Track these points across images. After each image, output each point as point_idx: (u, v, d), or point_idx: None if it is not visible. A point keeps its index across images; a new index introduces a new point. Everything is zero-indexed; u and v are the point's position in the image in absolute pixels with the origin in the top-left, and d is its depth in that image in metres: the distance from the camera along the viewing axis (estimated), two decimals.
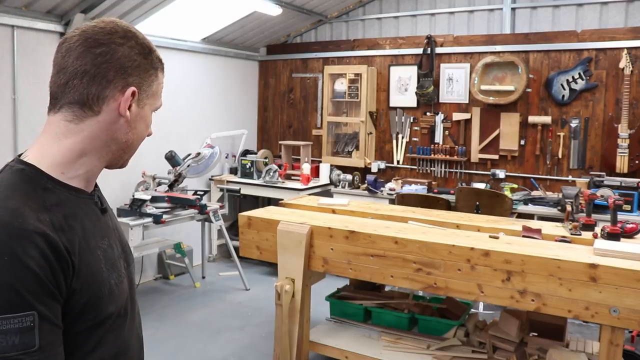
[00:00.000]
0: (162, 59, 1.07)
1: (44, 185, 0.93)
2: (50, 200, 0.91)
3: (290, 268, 3.08)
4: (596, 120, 4.79)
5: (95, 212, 1.02)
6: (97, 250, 0.97)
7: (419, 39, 5.52)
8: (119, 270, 1.02)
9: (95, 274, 0.94)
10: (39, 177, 0.93)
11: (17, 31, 4.05)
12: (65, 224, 0.91)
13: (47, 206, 0.90)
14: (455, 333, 3.26)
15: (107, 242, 1.01)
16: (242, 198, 6.03)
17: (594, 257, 2.46)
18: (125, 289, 1.04)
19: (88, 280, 0.92)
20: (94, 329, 0.94)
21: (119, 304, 1.00)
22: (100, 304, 0.94)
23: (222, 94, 6.10)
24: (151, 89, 1.02)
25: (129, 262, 1.12)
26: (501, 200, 4.42)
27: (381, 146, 5.85)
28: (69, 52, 0.95)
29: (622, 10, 4.71)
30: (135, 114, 1.00)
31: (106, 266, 0.97)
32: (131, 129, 1.01)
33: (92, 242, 0.96)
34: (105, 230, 1.03)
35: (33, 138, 3.82)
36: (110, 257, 1.00)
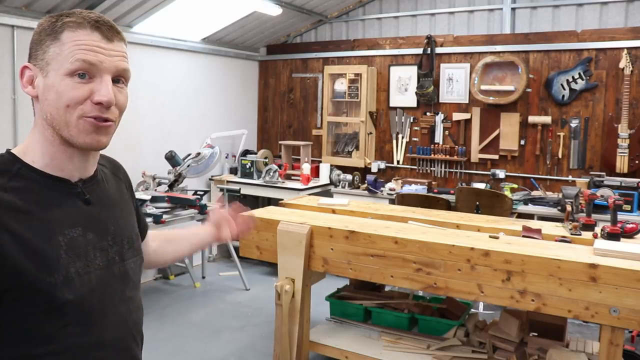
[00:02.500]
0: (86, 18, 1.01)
1: (16, 171, 0.99)
2: (14, 184, 0.97)
3: (290, 268, 3.08)
4: (596, 120, 4.79)
5: (74, 201, 1.03)
6: (59, 236, 0.98)
7: (419, 39, 5.52)
8: (90, 260, 1.02)
9: (45, 258, 0.94)
10: (12, 163, 1.00)
11: (17, 31, 4.05)
12: (21, 206, 0.94)
13: (5, 187, 0.95)
14: (455, 333, 3.26)
15: (79, 231, 1.01)
16: (242, 198, 6.03)
17: (594, 257, 2.46)
18: (98, 280, 1.03)
19: (33, 263, 0.93)
20: (51, 316, 0.95)
21: (81, 293, 0.98)
22: (52, 290, 0.94)
23: (222, 94, 6.10)
24: (47, 55, 0.99)
25: (125, 256, 1.12)
26: (501, 200, 4.42)
27: (381, 146, 5.85)
28: None
29: (622, 10, 4.71)
30: (42, 86, 1.00)
31: (67, 253, 0.98)
32: (44, 102, 1.00)
33: (56, 228, 0.98)
34: (81, 220, 1.03)
35: None
36: (78, 245, 1.00)
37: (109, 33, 1.01)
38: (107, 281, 1.05)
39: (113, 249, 1.08)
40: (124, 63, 1.03)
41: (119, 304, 1.08)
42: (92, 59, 0.98)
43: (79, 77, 0.98)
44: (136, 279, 1.16)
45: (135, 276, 1.16)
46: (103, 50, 1.00)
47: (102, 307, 1.03)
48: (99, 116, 1.00)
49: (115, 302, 1.07)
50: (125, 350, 1.10)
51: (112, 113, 1.02)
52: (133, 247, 1.16)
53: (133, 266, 1.15)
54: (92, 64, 0.98)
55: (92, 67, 0.98)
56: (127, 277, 1.11)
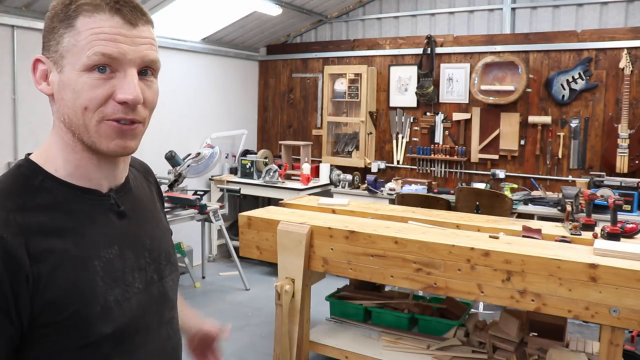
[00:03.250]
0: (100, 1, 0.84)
1: (39, 184, 0.84)
2: (40, 200, 0.82)
3: (290, 268, 3.08)
4: (596, 120, 4.79)
5: (107, 216, 0.89)
6: (95, 260, 0.84)
7: (419, 39, 5.51)
8: (128, 284, 0.88)
9: (81, 289, 0.81)
10: (34, 174, 0.85)
11: (17, 31, 4.05)
12: (50, 228, 0.80)
13: (30, 206, 0.80)
14: (455, 333, 3.26)
15: (115, 250, 0.88)
16: (242, 198, 6.03)
17: (594, 257, 2.46)
18: (138, 306, 0.89)
19: (68, 295, 0.79)
20: (87, 351, 0.82)
21: (120, 324, 0.85)
22: (88, 324, 0.81)
23: (222, 94, 6.10)
24: (62, 46, 0.83)
25: (163, 274, 0.97)
26: (501, 200, 4.42)
27: (381, 146, 5.85)
28: None
29: (622, 10, 4.71)
30: (58, 84, 0.84)
31: (104, 280, 0.84)
32: (60, 102, 0.85)
33: (90, 251, 0.84)
34: (116, 237, 0.89)
35: (33, 138, 3.85)
36: (115, 268, 0.86)
37: (132, 16, 0.83)
38: (147, 305, 0.92)
39: (151, 267, 0.95)
40: (152, 52, 0.86)
41: (158, 329, 0.95)
42: (112, 51, 0.81)
43: (98, 72, 0.81)
44: (174, 297, 1.02)
45: (174, 294, 1.02)
46: (126, 39, 0.82)
47: (141, 335, 0.90)
48: (123, 118, 0.84)
49: (154, 327, 0.93)
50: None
51: (139, 113, 0.85)
52: (170, 262, 1.01)
53: (172, 284, 1.01)
54: (114, 57, 0.81)
55: (113, 60, 0.81)
56: (166, 297, 0.98)
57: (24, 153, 0.91)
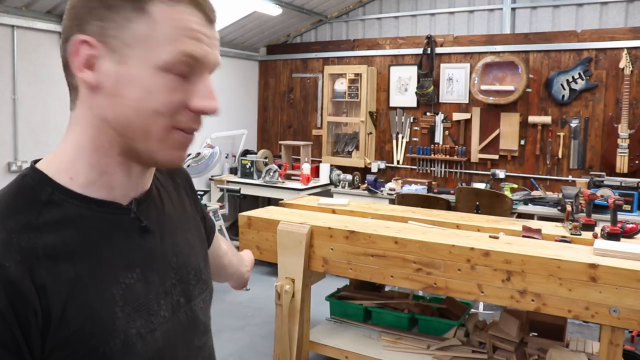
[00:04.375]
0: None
1: (47, 197, 0.70)
2: (49, 216, 0.68)
3: (290, 268, 3.08)
4: (596, 120, 4.79)
5: (128, 232, 0.75)
6: (114, 287, 0.71)
7: (419, 39, 5.52)
8: (153, 313, 0.75)
9: (98, 322, 0.68)
10: (41, 185, 0.70)
11: (17, 31, 4.05)
12: (61, 250, 0.67)
13: (36, 225, 0.67)
14: (455, 333, 3.26)
15: (137, 274, 0.74)
16: (242, 198, 6.03)
17: (594, 257, 2.46)
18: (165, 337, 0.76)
19: (83, 331, 0.67)
20: None
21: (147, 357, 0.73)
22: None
23: (222, 94, 6.07)
24: (129, 33, 0.67)
25: (191, 295, 0.83)
26: (501, 200, 4.42)
27: (381, 146, 5.85)
28: None
29: (622, 10, 4.71)
30: (116, 77, 0.68)
31: (124, 310, 0.71)
32: (115, 99, 0.69)
33: (107, 276, 0.71)
34: (139, 258, 0.76)
35: (33, 138, 3.85)
36: (137, 296, 0.73)
37: (211, 12, 0.72)
38: (174, 335, 0.78)
39: (177, 289, 0.81)
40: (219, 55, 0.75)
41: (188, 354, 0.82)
42: (199, 53, 0.69)
43: (176, 75, 0.69)
44: (206, 320, 0.88)
45: (205, 317, 0.88)
46: (207, 39, 0.71)
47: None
48: (194, 129, 0.73)
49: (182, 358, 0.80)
50: None
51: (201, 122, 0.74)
52: (201, 280, 0.87)
53: (202, 305, 0.87)
54: (198, 59, 0.70)
55: (196, 63, 0.70)
56: (195, 321, 0.84)
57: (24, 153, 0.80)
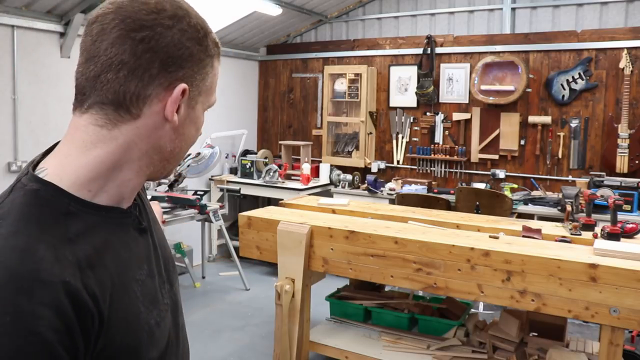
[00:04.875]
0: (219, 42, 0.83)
1: (65, 210, 0.71)
2: (75, 228, 0.71)
3: (290, 268, 3.08)
4: (596, 120, 4.79)
5: (132, 233, 0.82)
6: (134, 285, 0.77)
7: (419, 39, 5.51)
8: (160, 302, 0.83)
9: (130, 319, 0.75)
10: (58, 199, 0.71)
11: (17, 31, 4.05)
12: (96, 258, 0.71)
13: (70, 237, 0.69)
14: (455, 333, 3.26)
15: (146, 270, 0.82)
16: (242, 198, 6.03)
17: (594, 257, 2.46)
18: (168, 322, 0.85)
19: (122, 329, 0.73)
20: None
21: (162, 345, 0.81)
22: (139, 353, 0.76)
23: (222, 94, 6.09)
24: (205, 84, 0.79)
25: (172, 281, 0.92)
26: (501, 200, 4.42)
27: (381, 146, 5.85)
28: (101, 36, 0.72)
29: (622, 10, 4.71)
30: (184, 117, 0.78)
31: (144, 304, 0.78)
32: (178, 135, 0.79)
33: (128, 275, 0.77)
34: (144, 256, 0.83)
35: (33, 138, 3.84)
36: (149, 290, 0.81)
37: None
38: (171, 318, 0.87)
39: (164, 277, 0.88)
40: None
41: (176, 340, 0.89)
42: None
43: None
44: (180, 303, 0.97)
45: (180, 298, 0.96)
46: None
47: (172, 347, 0.86)
48: None
49: (173, 340, 0.87)
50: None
51: None
52: (175, 267, 0.96)
53: (178, 288, 0.96)
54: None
55: None
56: (177, 303, 0.93)
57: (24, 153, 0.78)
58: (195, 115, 0.81)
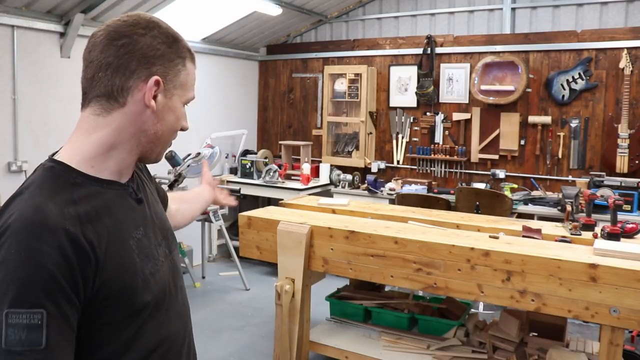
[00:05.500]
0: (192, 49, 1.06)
1: (73, 181, 0.93)
2: (79, 194, 0.92)
3: (290, 268, 3.08)
4: (596, 120, 4.79)
5: (129, 202, 1.03)
6: (130, 240, 0.98)
7: (419, 39, 5.52)
8: (155, 258, 1.03)
9: (126, 265, 0.95)
10: (67, 173, 0.94)
11: (17, 31, 4.05)
12: (94, 215, 0.92)
13: (74, 200, 0.91)
14: (455, 333, 3.26)
15: (142, 231, 1.02)
16: (242, 198, 6.02)
17: (594, 257, 2.46)
18: (164, 277, 1.05)
19: (118, 273, 0.92)
20: (131, 319, 0.95)
21: (156, 292, 1.00)
22: (134, 295, 0.95)
23: (222, 94, 6.10)
24: (178, 79, 1.02)
25: (171, 248, 1.13)
26: (501, 200, 4.42)
27: (381, 146, 5.85)
28: (94, 47, 0.97)
29: (622, 10, 4.71)
30: (163, 105, 1.00)
31: (140, 256, 0.98)
32: (159, 120, 1.00)
33: (125, 232, 0.97)
34: (140, 220, 1.03)
35: (33, 138, 3.84)
36: (145, 246, 1.01)
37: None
38: (167, 276, 1.07)
39: (164, 243, 1.09)
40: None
41: (176, 296, 1.10)
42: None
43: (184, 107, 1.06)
44: (180, 268, 1.18)
45: (180, 265, 1.18)
46: None
47: (167, 302, 1.05)
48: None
49: (174, 295, 1.08)
50: (183, 340, 1.12)
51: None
52: (174, 237, 1.18)
53: (178, 256, 1.18)
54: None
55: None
56: (176, 268, 1.13)
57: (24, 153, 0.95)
58: (173, 105, 1.02)
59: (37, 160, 1.03)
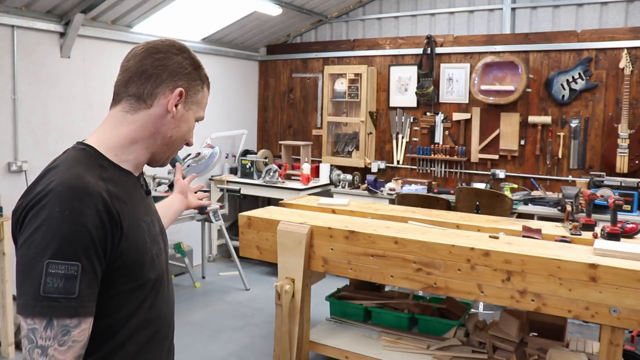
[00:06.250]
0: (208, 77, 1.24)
1: (100, 163, 1.08)
2: (106, 174, 1.07)
3: (290, 268, 3.08)
4: (596, 120, 4.79)
5: (141, 192, 1.18)
6: (142, 223, 1.11)
7: (419, 39, 5.52)
8: (159, 244, 1.17)
9: (139, 242, 1.08)
10: (96, 155, 1.09)
11: (17, 31, 4.05)
12: (120, 194, 1.05)
13: (104, 177, 1.05)
14: (455, 333, 3.26)
15: (149, 218, 1.16)
16: (242, 198, 6.03)
17: (594, 257, 2.46)
18: (162, 263, 1.18)
19: (133, 246, 1.06)
20: (136, 291, 1.08)
21: (158, 273, 1.14)
22: (142, 269, 1.08)
23: (222, 94, 6.10)
24: (196, 97, 1.19)
25: (165, 241, 1.26)
26: (501, 200, 4.42)
27: (381, 146, 5.85)
28: (133, 57, 1.14)
29: (622, 10, 4.71)
30: (181, 114, 1.17)
31: (149, 237, 1.12)
32: (175, 126, 1.16)
33: (139, 215, 1.11)
34: (148, 209, 1.19)
35: (33, 138, 3.84)
36: (152, 231, 1.15)
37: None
38: (164, 264, 1.20)
39: (161, 235, 1.23)
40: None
41: (168, 284, 1.23)
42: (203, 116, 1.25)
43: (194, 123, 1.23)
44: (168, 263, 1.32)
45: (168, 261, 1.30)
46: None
47: (163, 286, 1.18)
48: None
49: (166, 282, 1.21)
50: (169, 326, 1.27)
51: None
52: (166, 237, 1.29)
53: (168, 248, 1.30)
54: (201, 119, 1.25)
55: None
56: (168, 260, 1.26)
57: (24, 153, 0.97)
58: (188, 117, 1.19)
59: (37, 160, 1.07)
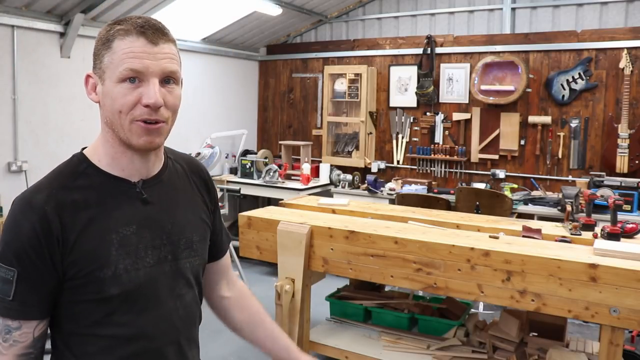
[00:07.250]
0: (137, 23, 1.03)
1: (82, 170, 1.07)
2: (80, 182, 1.05)
3: (290, 268, 3.08)
4: (596, 120, 4.79)
5: (132, 200, 1.09)
6: (113, 234, 1.04)
7: (419, 39, 5.52)
8: (138, 257, 1.07)
9: (98, 255, 1.03)
10: (81, 162, 1.08)
11: (17, 31, 4.05)
12: (82, 204, 1.03)
13: (70, 187, 1.04)
14: (455, 333, 3.26)
15: (133, 229, 1.07)
16: (242, 198, 6.03)
17: (594, 257, 2.46)
18: (146, 277, 1.07)
19: (87, 258, 1.02)
20: (99, 304, 1.04)
21: (127, 289, 1.05)
22: (101, 284, 1.03)
23: (222, 94, 6.10)
24: (103, 64, 1.04)
25: (178, 255, 1.14)
26: (501, 200, 4.42)
27: (381, 146, 5.85)
28: None
29: (622, 10, 4.71)
30: (102, 93, 1.06)
31: (118, 251, 1.04)
32: (103, 108, 1.07)
33: (110, 226, 1.05)
34: (136, 219, 1.08)
35: (33, 138, 3.84)
36: (129, 243, 1.06)
37: (153, 37, 1.03)
38: (155, 278, 1.10)
39: (166, 248, 1.12)
40: (170, 64, 1.05)
41: (166, 300, 1.12)
42: (138, 66, 1.01)
43: (129, 82, 1.02)
44: (191, 278, 1.18)
45: (191, 275, 1.18)
46: (149, 55, 1.02)
47: (147, 301, 1.09)
48: (148, 119, 1.03)
49: (163, 298, 1.11)
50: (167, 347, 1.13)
51: (161, 114, 1.04)
52: (191, 248, 1.17)
53: (189, 266, 1.17)
54: (139, 70, 1.01)
55: (139, 73, 1.01)
56: (179, 274, 1.15)
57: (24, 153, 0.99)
58: (107, 89, 1.04)
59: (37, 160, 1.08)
